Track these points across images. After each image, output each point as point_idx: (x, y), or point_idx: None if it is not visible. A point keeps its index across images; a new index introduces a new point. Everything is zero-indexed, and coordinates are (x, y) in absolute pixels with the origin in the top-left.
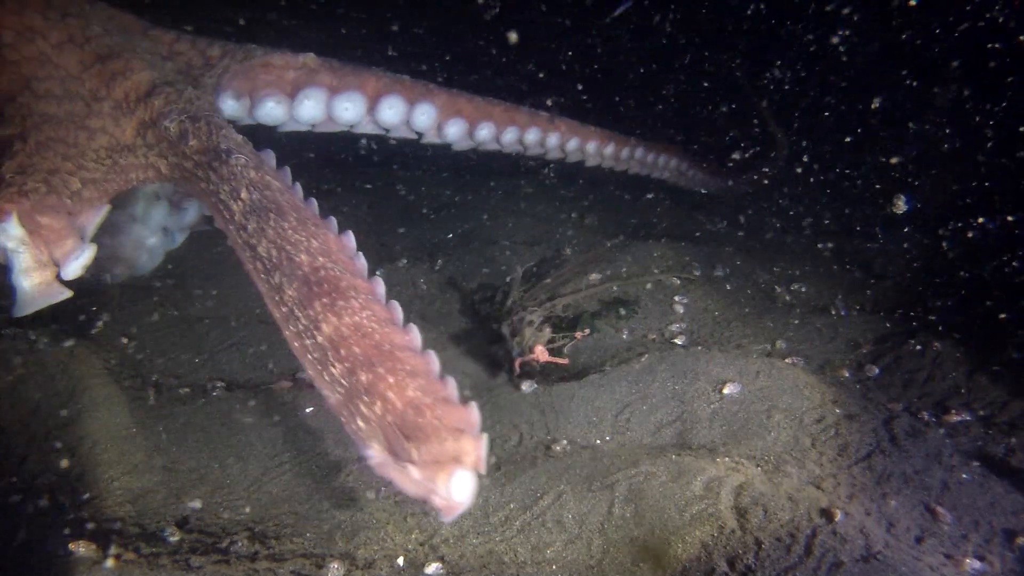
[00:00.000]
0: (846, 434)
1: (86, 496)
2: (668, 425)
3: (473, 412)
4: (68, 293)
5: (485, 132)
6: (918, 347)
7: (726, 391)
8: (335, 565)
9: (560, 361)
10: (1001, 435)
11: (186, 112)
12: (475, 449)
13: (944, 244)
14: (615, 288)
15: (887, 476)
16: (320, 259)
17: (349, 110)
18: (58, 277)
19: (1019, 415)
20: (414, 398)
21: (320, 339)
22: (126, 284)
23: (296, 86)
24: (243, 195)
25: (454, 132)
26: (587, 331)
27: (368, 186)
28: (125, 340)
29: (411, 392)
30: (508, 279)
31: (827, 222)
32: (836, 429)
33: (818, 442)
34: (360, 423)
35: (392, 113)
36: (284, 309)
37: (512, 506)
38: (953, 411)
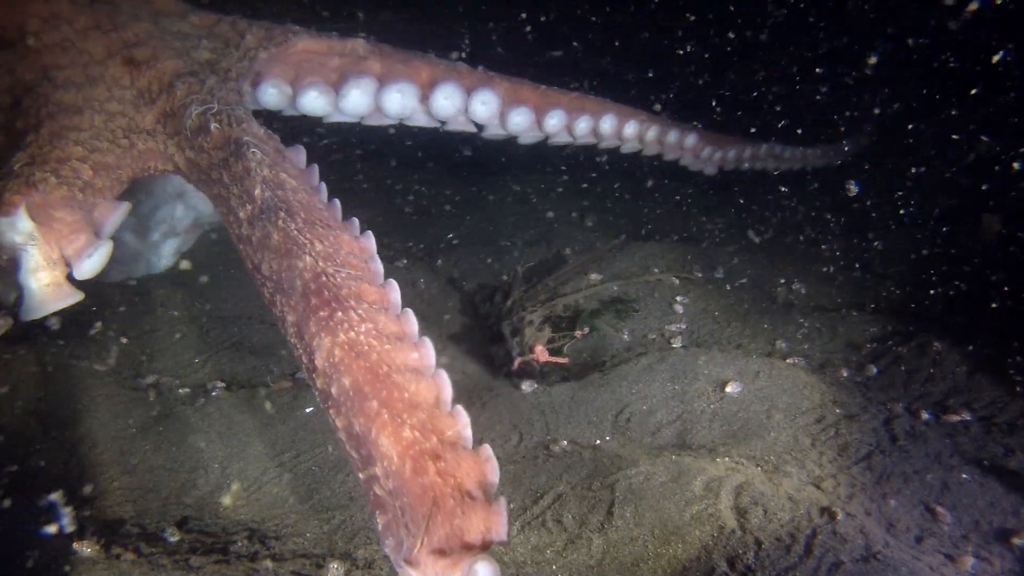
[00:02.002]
0: (846, 434)
1: (86, 496)
2: (668, 425)
3: (490, 463)
4: (79, 296)
5: (554, 121)
6: (918, 347)
7: (726, 391)
8: (335, 565)
9: (560, 361)
10: (1001, 435)
11: (206, 104)
12: (495, 524)
13: (944, 244)
14: (615, 288)
15: (887, 476)
16: (322, 264)
17: (400, 101)
18: (69, 277)
19: (1019, 415)
20: (411, 443)
21: (320, 383)
22: (125, 283)
23: (342, 74)
24: (256, 192)
25: (519, 122)
26: (587, 331)
27: (365, 185)
28: (125, 340)
29: (408, 432)
30: (508, 279)
31: (827, 222)
32: (836, 429)
33: (818, 442)
34: (380, 518)
35: (448, 103)
36: (296, 344)
37: (512, 506)
38: (953, 411)
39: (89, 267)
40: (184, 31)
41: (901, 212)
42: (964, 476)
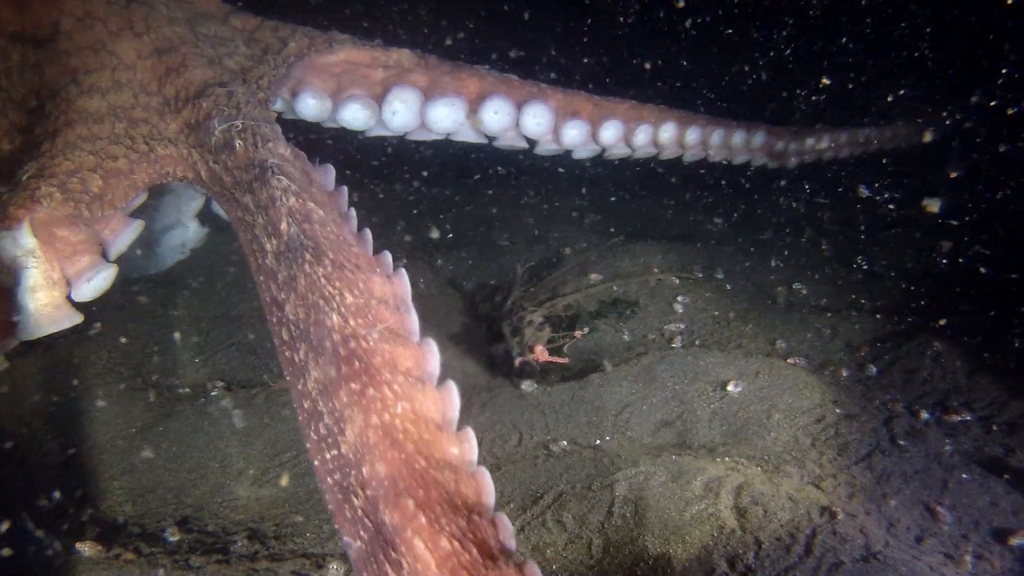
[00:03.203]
0: (846, 434)
1: (86, 496)
2: (668, 425)
3: None
4: (78, 319)
5: (610, 133)
6: (918, 347)
7: (726, 391)
8: (335, 565)
9: (560, 361)
10: (1001, 435)
11: (231, 120)
12: None
13: (945, 243)
14: (615, 288)
15: (887, 476)
16: (353, 322)
17: (446, 116)
18: (69, 297)
19: (1019, 415)
20: (449, 555)
21: (344, 449)
22: (124, 283)
23: (386, 87)
24: (282, 227)
25: (573, 136)
26: (587, 331)
27: (365, 182)
28: (125, 340)
29: (446, 543)
30: (508, 279)
31: (827, 222)
32: (836, 429)
33: (818, 442)
34: None
35: (497, 118)
36: (307, 404)
37: (512, 506)
38: (953, 411)
39: (89, 291)
40: (222, 35)
41: (901, 211)
42: (964, 476)
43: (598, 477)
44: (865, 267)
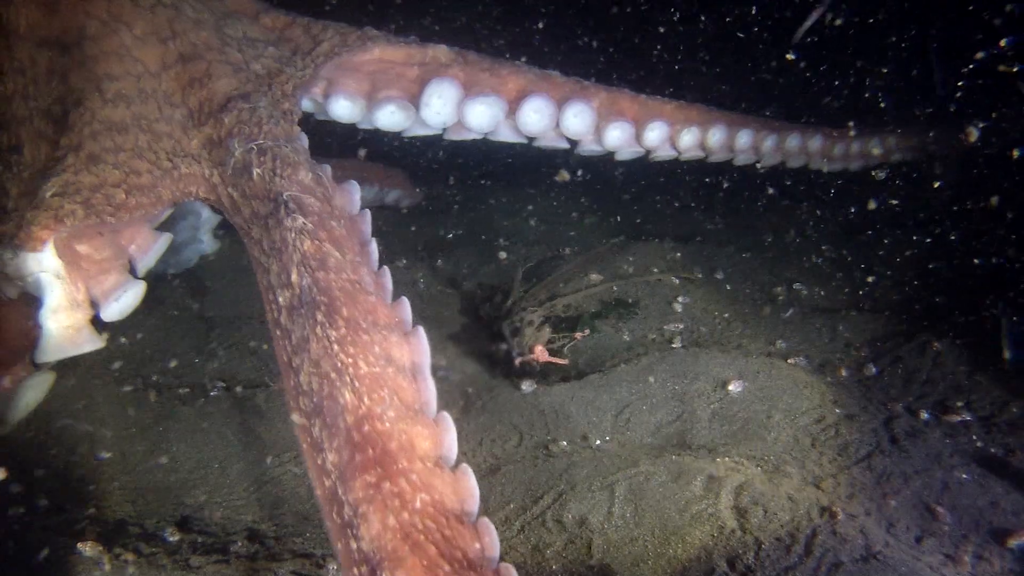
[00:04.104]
0: (846, 434)
1: (86, 496)
2: (668, 425)
3: None
4: (99, 344)
5: (655, 135)
6: (918, 347)
7: (726, 391)
8: (334, 566)
9: (560, 361)
10: (1001, 435)
11: (252, 139)
12: None
13: (945, 244)
14: (615, 288)
15: (887, 476)
16: (368, 400)
17: (485, 115)
18: (93, 319)
19: (1019, 415)
20: None
21: (364, 546)
22: None
23: (422, 86)
24: (293, 277)
25: (616, 137)
26: (587, 331)
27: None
28: (125, 340)
29: None
30: (508, 279)
31: (827, 222)
32: (836, 429)
33: (818, 442)
34: None
35: (537, 118)
36: (327, 483)
37: (512, 506)
38: (953, 411)
39: (118, 309)
40: (251, 35)
41: (901, 211)
42: (964, 476)
43: (598, 477)
44: (865, 267)
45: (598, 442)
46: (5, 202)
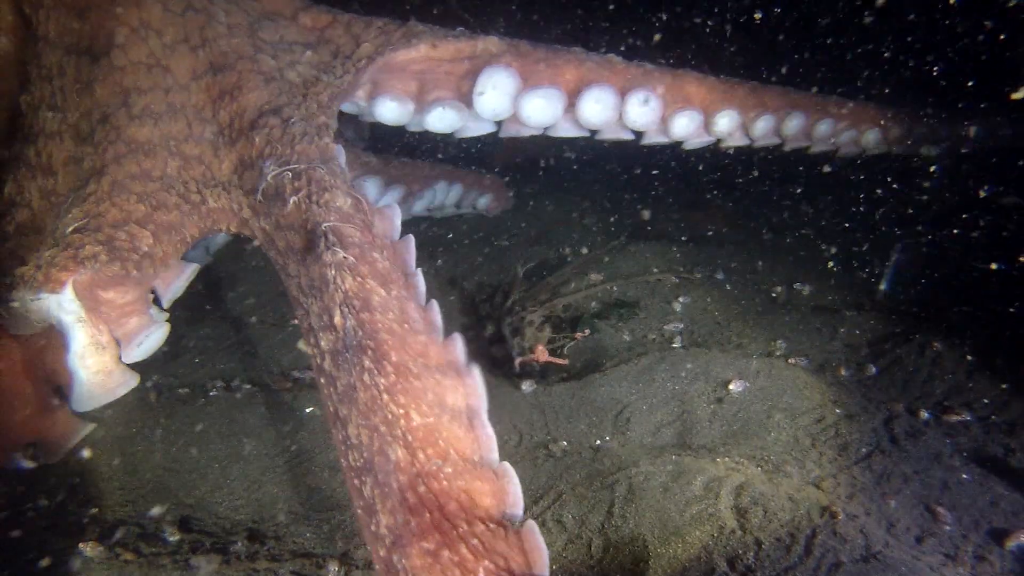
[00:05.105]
0: (846, 434)
1: (86, 496)
2: (668, 425)
3: None
4: (134, 382)
5: (726, 122)
6: (918, 347)
7: (726, 391)
8: (334, 567)
9: (560, 361)
10: (1001, 435)
11: (284, 162)
12: None
13: (945, 243)
14: (615, 288)
15: (887, 476)
16: (422, 456)
17: (544, 109)
18: (121, 358)
19: (1019, 415)
20: None
21: None
22: None
23: (473, 79)
24: (336, 320)
25: (684, 126)
26: (587, 331)
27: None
28: None
29: None
30: (508, 279)
31: (827, 222)
32: (836, 429)
33: (818, 442)
34: None
35: (599, 109)
36: (382, 552)
37: None
38: (953, 411)
39: (140, 353)
40: (288, 38)
41: (900, 210)
42: (964, 476)
43: (598, 477)
44: (865, 267)
45: (598, 442)
46: (40, 238)
